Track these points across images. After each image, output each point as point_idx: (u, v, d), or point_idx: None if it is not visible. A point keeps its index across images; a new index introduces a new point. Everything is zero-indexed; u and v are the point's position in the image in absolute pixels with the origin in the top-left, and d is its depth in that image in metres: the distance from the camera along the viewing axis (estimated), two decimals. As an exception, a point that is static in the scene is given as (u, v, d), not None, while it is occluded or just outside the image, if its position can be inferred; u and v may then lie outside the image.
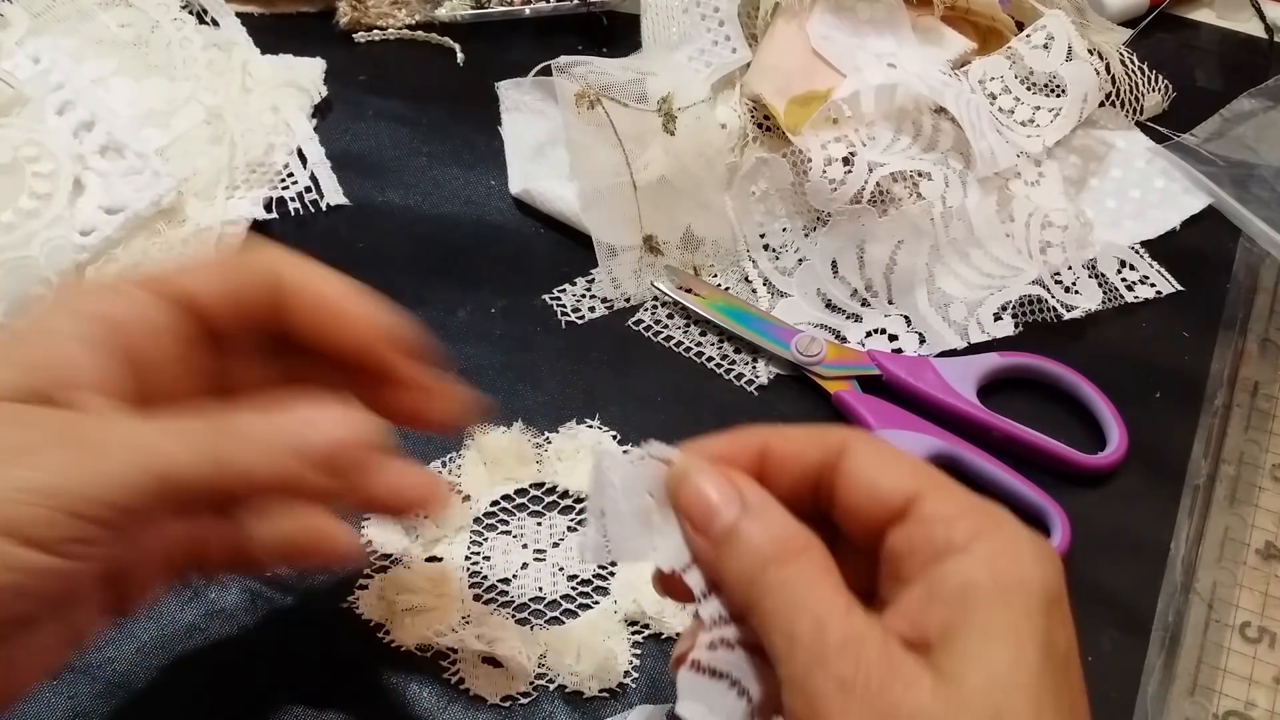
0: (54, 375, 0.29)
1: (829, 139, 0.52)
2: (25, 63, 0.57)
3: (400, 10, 0.64)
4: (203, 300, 0.32)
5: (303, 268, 0.34)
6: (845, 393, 0.48)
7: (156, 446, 0.28)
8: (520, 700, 0.41)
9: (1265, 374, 0.50)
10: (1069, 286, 0.52)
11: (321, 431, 0.30)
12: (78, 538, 0.27)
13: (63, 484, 0.27)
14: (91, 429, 0.28)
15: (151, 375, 0.31)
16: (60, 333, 0.30)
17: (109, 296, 0.31)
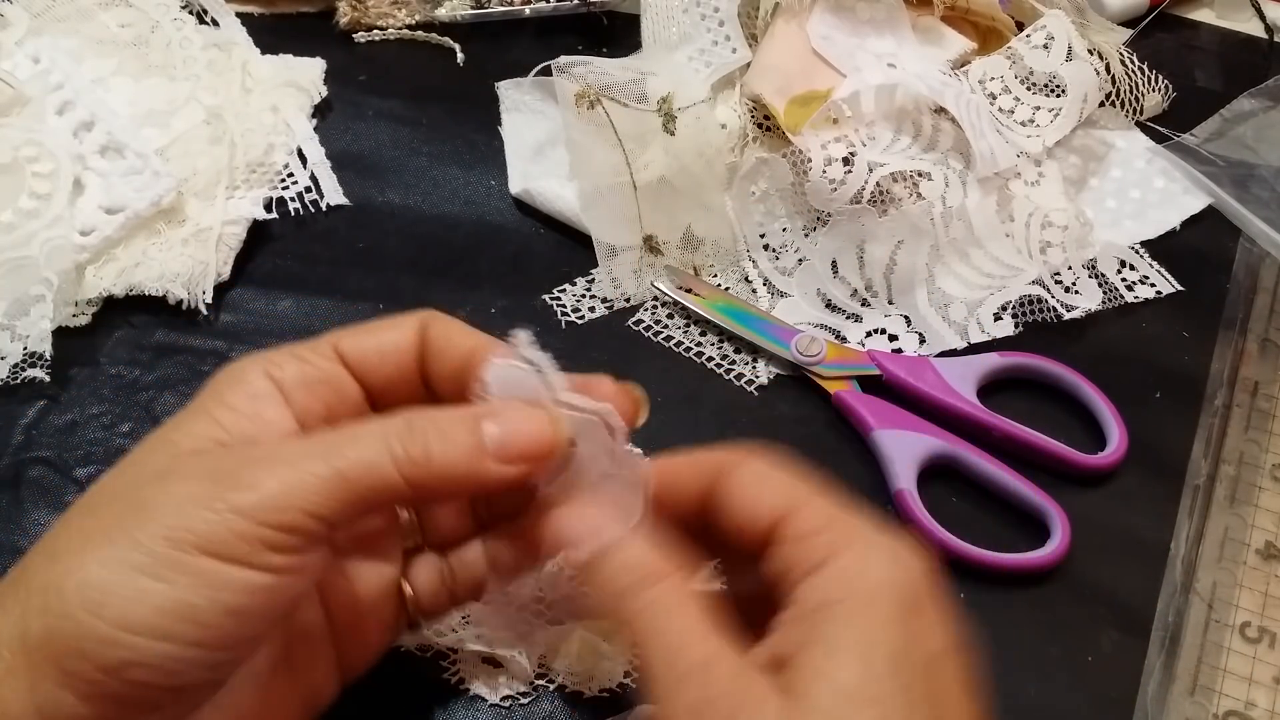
0: (238, 428, 0.31)
1: (829, 139, 0.52)
2: (25, 63, 0.57)
3: (400, 10, 0.64)
4: (355, 358, 0.34)
5: (441, 319, 0.35)
6: (845, 393, 0.48)
7: (342, 449, 0.29)
8: (520, 700, 0.41)
9: (1265, 374, 0.50)
10: (1069, 286, 0.52)
11: (519, 435, 0.31)
12: (279, 547, 0.28)
13: (257, 497, 0.28)
14: (280, 447, 0.30)
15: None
16: (249, 389, 0.32)
17: (289, 359, 0.33)
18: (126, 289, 0.51)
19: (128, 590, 0.27)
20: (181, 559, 0.27)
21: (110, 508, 0.29)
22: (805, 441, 0.48)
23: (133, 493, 0.29)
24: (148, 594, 0.27)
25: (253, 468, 0.29)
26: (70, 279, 0.51)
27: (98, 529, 0.29)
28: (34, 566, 0.29)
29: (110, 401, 0.49)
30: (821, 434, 0.48)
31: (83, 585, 0.27)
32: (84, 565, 0.28)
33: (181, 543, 0.27)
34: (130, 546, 0.28)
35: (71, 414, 0.49)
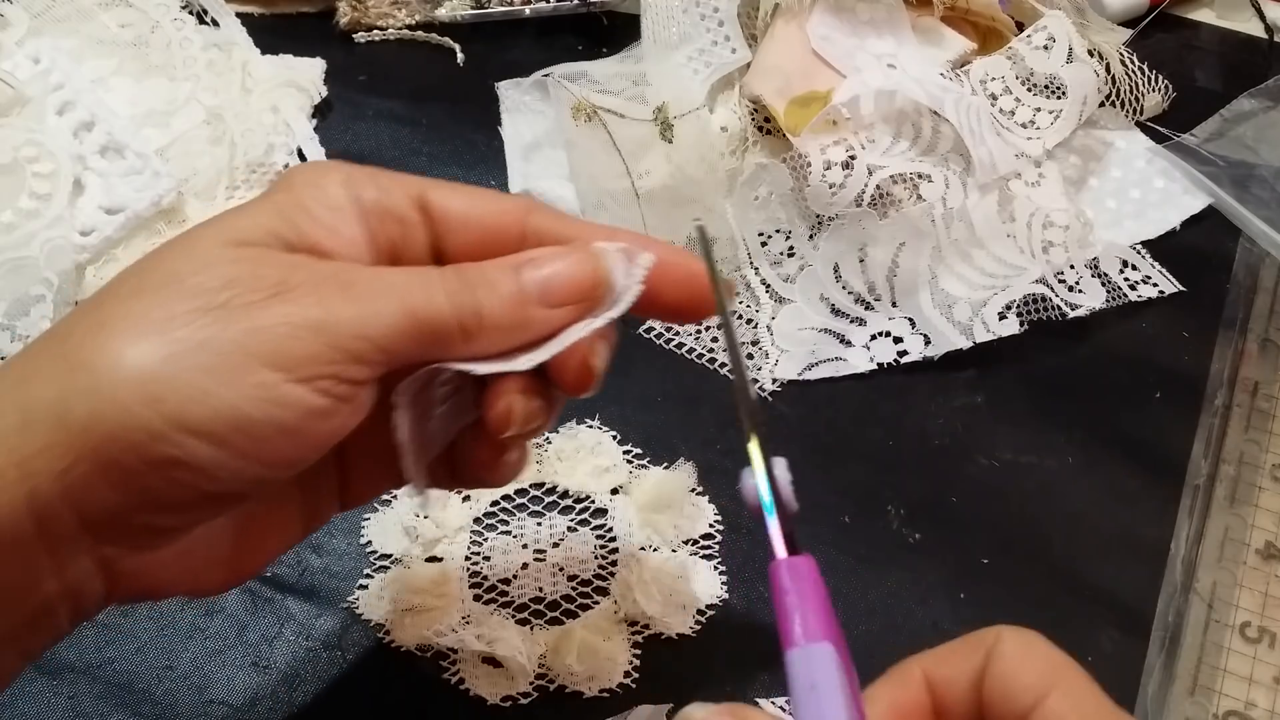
0: (312, 236, 0.29)
1: (828, 143, 0.52)
2: (25, 63, 0.57)
3: (400, 10, 0.64)
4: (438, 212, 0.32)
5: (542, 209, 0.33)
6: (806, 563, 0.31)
7: (411, 289, 0.29)
8: (520, 700, 0.41)
9: (1265, 374, 0.50)
10: (1073, 286, 0.52)
11: (559, 275, 0.30)
12: (343, 377, 0.27)
13: (331, 320, 0.27)
14: (351, 272, 0.29)
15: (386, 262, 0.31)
16: (327, 198, 0.30)
17: (371, 183, 0.31)
18: (126, 289, 0.51)
19: (190, 390, 0.26)
20: (248, 367, 0.26)
21: (169, 292, 0.27)
22: (806, 443, 0.48)
23: (194, 280, 0.27)
24: (209, 397, 0.26)
25: (330, 290, 0.28)
26: (70, 279, 0.51)
27: (157, 314, 0.27)
28: (77, 338, 0.27)
29: (110, 402, 0.49)
30: (823, 435, 0.48)
31: (142, 375, 0.26)
32: (142, 353, 0.26)
33: (251, 351, 0.26)
34: (195, 344, 0.26)
35: (71, 414, 0.49)
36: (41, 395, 0.26)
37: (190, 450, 0.26)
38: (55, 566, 0.27)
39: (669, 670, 0.41)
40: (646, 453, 0.47)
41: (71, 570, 0.27)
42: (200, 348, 0.26)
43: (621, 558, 0.44)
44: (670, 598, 0.42)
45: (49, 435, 0.26)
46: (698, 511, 0.45)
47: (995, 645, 0.27)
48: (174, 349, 0.26)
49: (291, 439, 0.27)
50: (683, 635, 0.42)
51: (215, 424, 0.26)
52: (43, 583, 0.27)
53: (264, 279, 0.27)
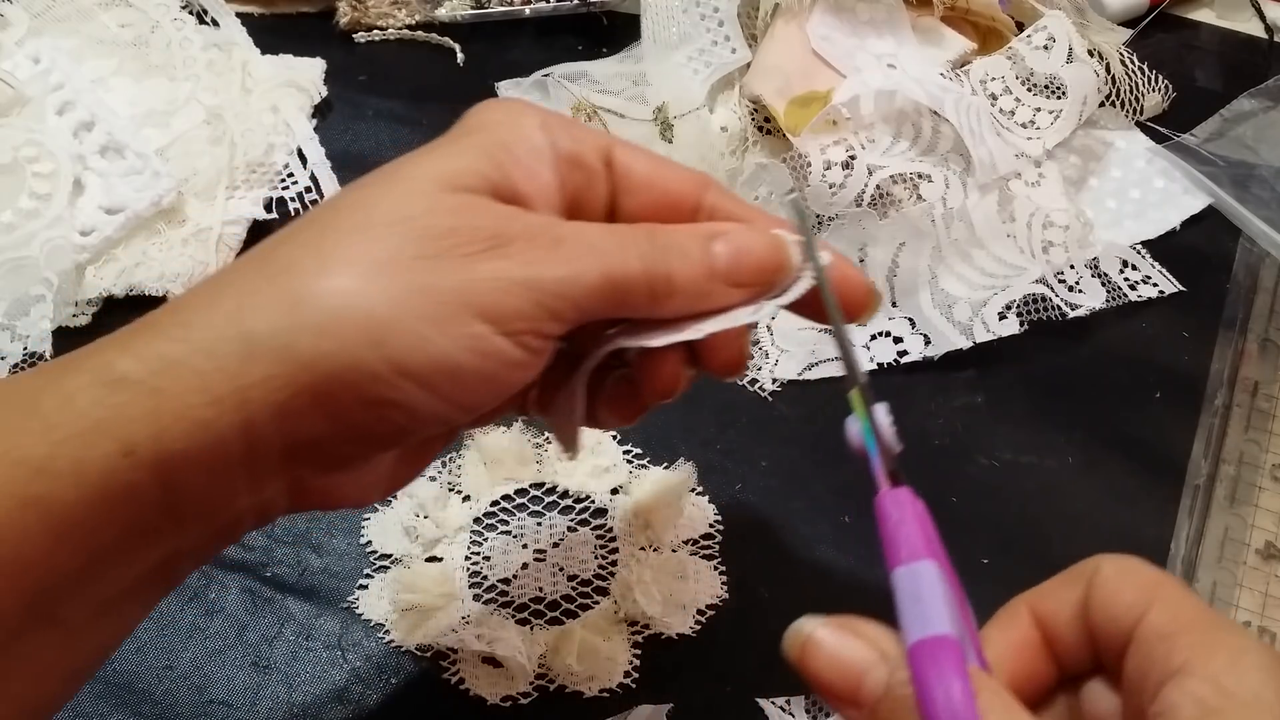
0: (515, 180, 0.30)
1: (828, 143, 0.52)
2: (25, 63, 0.57)
3: (400, 10, 0.64)
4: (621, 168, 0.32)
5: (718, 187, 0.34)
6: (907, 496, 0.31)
7: (610, 250, 0.29)
8: (520, 700, 0.41)
9: (1265, 374, 0.50)
10: (1073, 286, 0.52)
11: (748, 254, 0.31)
12: (542, 332, 0.29)
13: (539, 278, 0.28)
14: (557, 228, 0.30)
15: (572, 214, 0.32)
16: (528, 142, 0.31)
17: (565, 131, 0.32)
18: (126, 289, 0.51)
19: (411, 336, 0.27)
20: (463, 318, 0.28)
21: (393, 234, 0.28)
22: (806, 443, 0.48)
23: (418, 224, 0.28)
24: (428, 344, 0.27)
25: (540, 248, 0.29)
26: (70, 279, 0.51)
27: (381, 255, 0.28)
28: (301, 272, 0.28)
29: (110, 402, 0.49)
30: (824, 436, 0.48)
31: (368, 318, 0.27)
32: (368, 295, 0.27)
33: (467, 303, 0.28)
34: (417, 290, 0.27)
35: (71, 414, 0.48)
36: (265, 327, 0.27)
37: (405, 393, 0.27)
38: (252, 486, 0.28)
39: (669, 670, 0.41)
40: (646, 453, 0.47)
41: (265, 490, 0.29)
42: (422, 294, 0.27)
43: (621, 558, 0.44)
44: (670, 598, 0.42)
45: (271, 367, 0.27)
46: (698, 511, 0.45)
47: (1095, 573, 0.28)
48: (398, 294, 0.27)
49: (490, 387, 0.29)
50: (683, 635, 0.42)
51: (430, 370, 0.27)
52: (238, 500, 0.28)
53: (481, 230, 0.28)
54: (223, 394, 0.27)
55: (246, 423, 0.27)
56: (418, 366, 0.27)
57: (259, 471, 0.28)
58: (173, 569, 0.30)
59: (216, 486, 0.28)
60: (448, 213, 0.28)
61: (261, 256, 0.29)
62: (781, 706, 0.40)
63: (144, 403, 0.26)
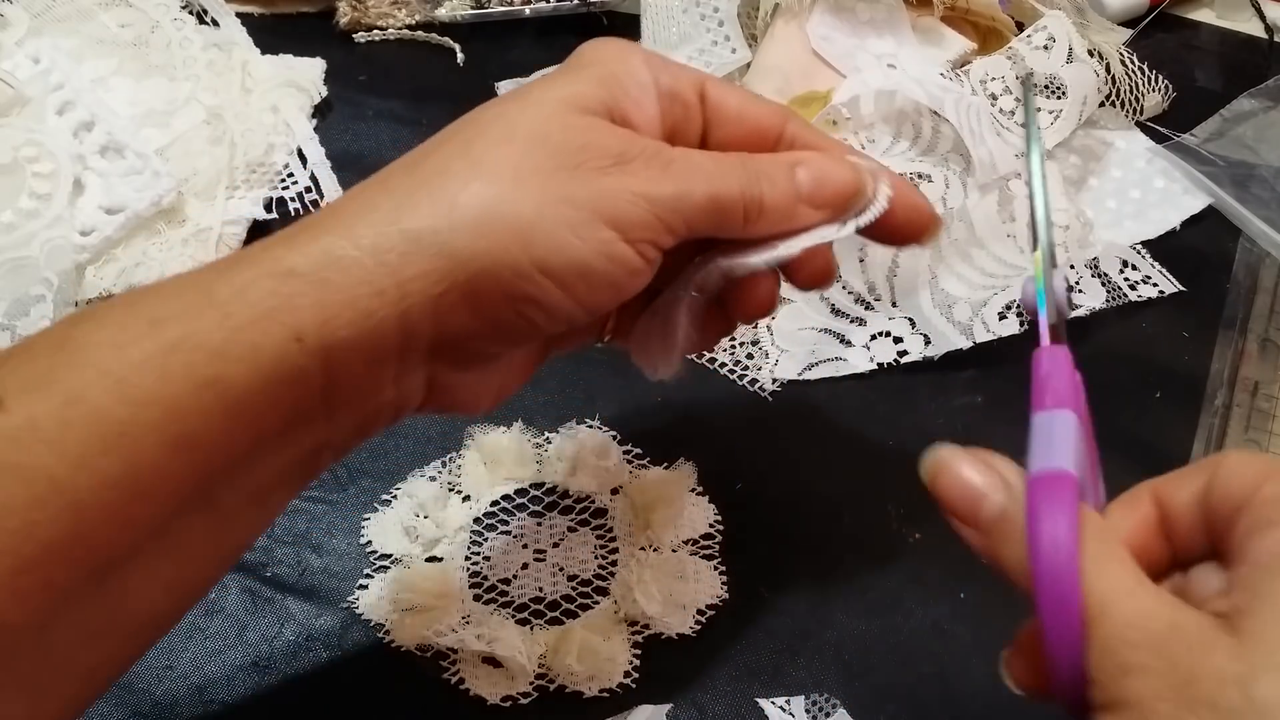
0: (625, 108, 0.33)
1: (829, 140, 0.52)
2: (25, 63, 0.57)
3: (400, 10, 0.64)
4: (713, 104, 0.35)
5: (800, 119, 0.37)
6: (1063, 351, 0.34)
7: (714, 173, 0.33)
8: (520, 700, 0.41)
9: (1265, 374, 0.50)
10: (1073, 286, 0.52)
11: (827, 179, 0.34)
12: (657, 243, 0.32)
13: (658, 193, 0.31)
14: (669, 151, 0.33)
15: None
16: (637, 75, 0.34)
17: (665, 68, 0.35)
18: (127, 289, 0.51)
19: (554, 239, 0.30)
20: (596, 225, 0.31)
21: (536, 147, 0.31)
22: (806, 443, 0.48)
23: (557, 139, 0.31)
24: (567, 247, 0.30)
25: (657, 167, 0.32)
26: (70, 279, 0.51)
27: (527, 165, 0.31)
28: (455, 175, 0.31)
29: (110, 402, 0.49)
30: (825, 437, 0.48)
31: (519, 221, 0.30)
32: (518, 200, 0.30)
33: (599, 211, 0.31)
34: (560, 198, 0.30)
35: (71, 414, 0.49)
36: (424, 225, 0.30)
37: (545, 290, 0.30)
38: (399, 378, 0.31)
39: (669, 670, 0.41)
40: (646, 453, 0.47)
41: (407, 382, 0.31)
42: (563, 202, 0.30)
43: (621, 558, 0.44)
44: (670, 598, 0.42)
45: (430, 262, 0.29)
46: (698, 511, 0.45)
47: (1219, 463, 0.29)
48: (542, 200, 0.30)
49: (612, 290, 0.32)
50: (683, 635, 0.42)
51: (567, 270, 0.30)
52: (385, 391, 0.31)
53: (608, 149, 0.31)
54: (385, 286, 0.29)
55: (404, 314, 0.29)
56: (558, 266, 0.30)
57: (409, 363, 0.31)
58: (317, 459, 0.32)
59: (371, 375, 0.30)
60: (579, 131, 0.32)
61: (411, 163, 0.32)
62: (781, 706, 0.40)
63: (313, 293, 0.29)
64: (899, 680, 0.41)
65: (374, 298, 0.29)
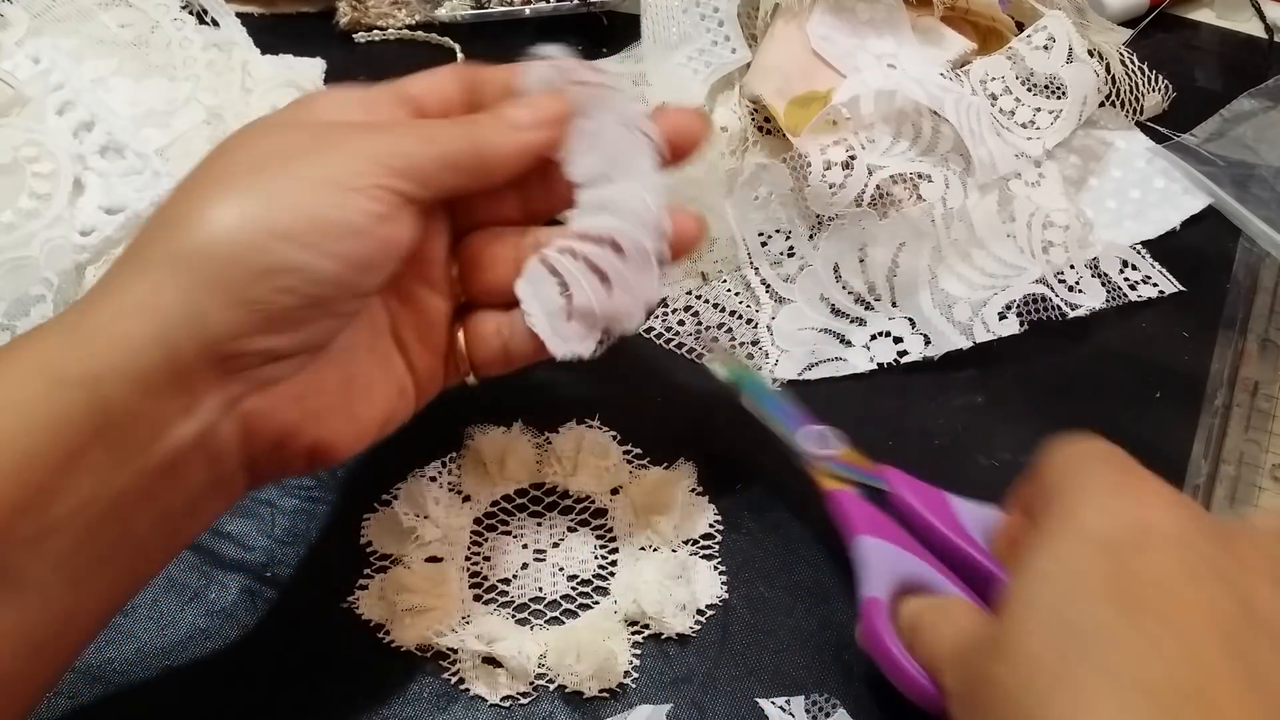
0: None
1: (828, 143, 0.52)
2: (25, 63, 0.57)
3: (400, 10, 0.64)
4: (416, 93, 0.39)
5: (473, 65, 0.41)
6: (842, 493, 0.42)
7: (429, 128, 0.36)
8: (520, 700, 0.41)
9: (1265, 374, 0.50)
10: (1073, 286, 0.52)
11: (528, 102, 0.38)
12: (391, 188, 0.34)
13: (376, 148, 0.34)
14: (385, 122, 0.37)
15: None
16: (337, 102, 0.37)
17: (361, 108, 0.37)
18: (126, 289, 0.51)
19: (276, 206, 0.32)
20: (319, 185, 0.32)
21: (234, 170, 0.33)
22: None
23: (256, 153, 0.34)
24: (293, 207, 0.32)
25: (366, 131, 0.35)
26: (70, 279, 0.51)
27: (240, 171, 0.33)
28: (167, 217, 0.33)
29: (110, 402, 0.49)
30: (822, 434, 0.48)
31: (240, 204, 0.31)
32: (233, 194, 0.32)
33: (319, 173, 0.32)
34: (275, 177, 0.32)
35: (71, 414, 0.49)
36: (157, 250, 0.31)
37: (284, 254, 0.31)
38: (184, 405, 0.31)
39: (669, 670, 0.41)
40: (646, 453, 0.47)
41: (200, 409, 0.31)
42: (278, 177, 0.32)
43: (621, 558, 0.44)
44: (670, 598, 0.42)
45: (163, 269, 0.30)
46: (698, 511, 0.45)
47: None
48: (260, 184, 0.32)
49: (362, 239, 0.33)
50: (683, 635, 0.42)
51: (299, 225, 0.31)
52: (173, 422, 0.30)
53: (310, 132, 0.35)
54: (132, 307, 0.30)
55: (159, 326, 0.30)
56: (287, 225, 0.31)
57: (185, 383, 0.30)
58: (125, 522, 0.30)
59: (145, 403, 0.30)
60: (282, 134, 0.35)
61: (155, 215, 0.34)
62: (781, 706, 0.40)
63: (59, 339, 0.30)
64: (899, 680, 0.41)
65: (123, 320, 0.30)
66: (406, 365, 0.39)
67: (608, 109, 0.38)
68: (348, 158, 0.33)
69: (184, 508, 0.32)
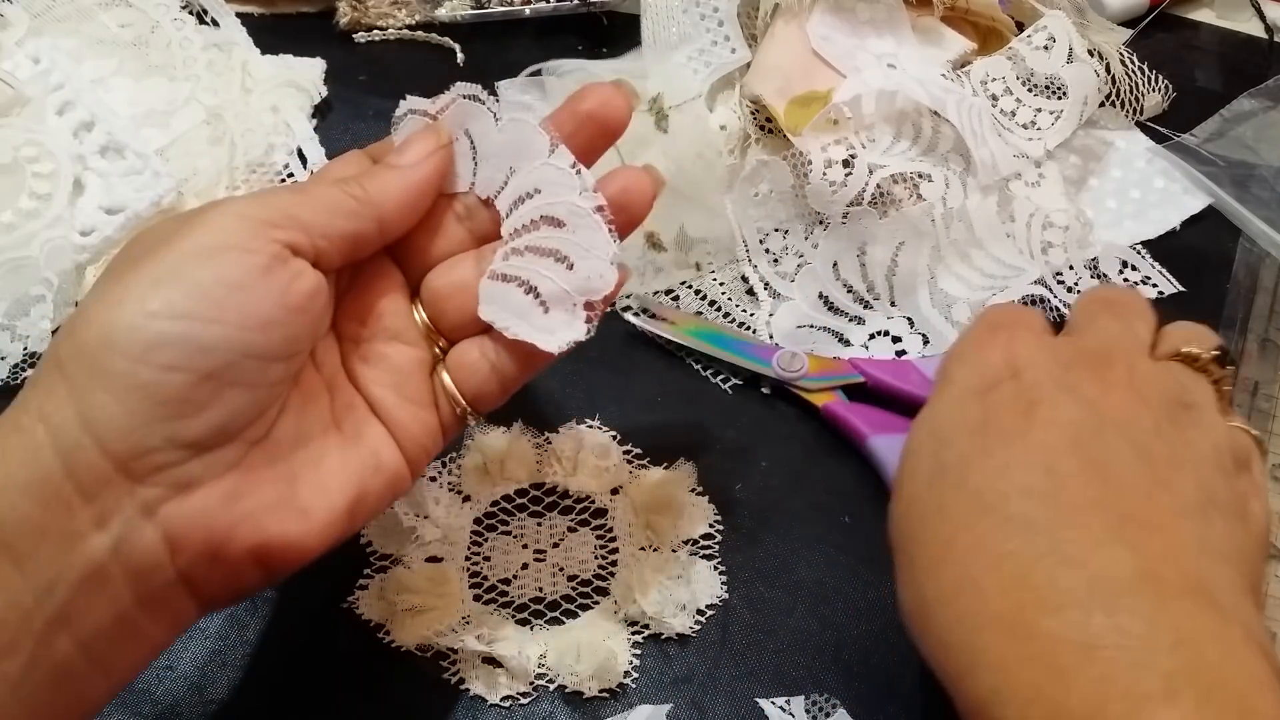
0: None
1: (829, 141, 0.52)
2: (25, 63, 0.57)
3: (400, 10, 0.64)
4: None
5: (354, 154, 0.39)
6: (833, 404, 0.48)
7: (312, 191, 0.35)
8: (520, 700, 0.41)
9: (1265, 374, 0.50)
10: (1071, 286, 0.52)
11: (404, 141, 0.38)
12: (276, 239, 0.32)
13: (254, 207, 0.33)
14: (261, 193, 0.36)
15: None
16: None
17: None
18: (126, 289, 0.51)
19: (144, 287, 0.30)
20: (191, 253, 0.31)
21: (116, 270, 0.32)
22: (807, 444, 0.48)
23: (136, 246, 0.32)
24: (162, 283, 0.30)
25: (241, 199, 0.33)
26: (70, 279, 0.51)
27: (119, 265, 0.32)
28: (74, 312, 0.32)
29: (110, 402, 0.49)
30: (824, 436, 0.48)
31: (111, 293, 0.30)
32: (108, 284, 0.31)
33: (190, 247, 0.31)
34: (148, 260, 0.31)
35: (71, 414, 0.49)
36: (49, 354, 0.30)
37: (161, 327, 0.29)
38: (95, 515, 0.28)
39: (669, 670, 0.41)
40: (646, 453, 0.47)
41: (114, 518, 0.29)
42: (149, 267, 0.30)
43: (621, 558, 0.44)
44: (670, 598, 0.42)
45: (50, 376, 0.29)
46: (698, 511, 0.45)
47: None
48: (131, 279, 0.30)
49: (247, 295, 0.31)
50: (683, 635, 0.42)
51: (174, 295, 0.30)
52: (85, 533, 0.28)
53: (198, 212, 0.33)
54: (27, 418, 0.28)
55: (51, 431, 0.28)
56: (163, 302, 0.29)
57: (92, 491, 0.28)
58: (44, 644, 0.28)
59: (48, 515, 0.28)
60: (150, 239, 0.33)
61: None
62: (781, 706, 0.40)
63: None
64: (899, 680, 0.41)
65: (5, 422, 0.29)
66: (386, 432, 0.36)
67: (476, 117, 0.38)
68: (221, 221, 0.32)
69: (114, 630, 0.29)
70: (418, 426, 0.37)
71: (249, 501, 0.31)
